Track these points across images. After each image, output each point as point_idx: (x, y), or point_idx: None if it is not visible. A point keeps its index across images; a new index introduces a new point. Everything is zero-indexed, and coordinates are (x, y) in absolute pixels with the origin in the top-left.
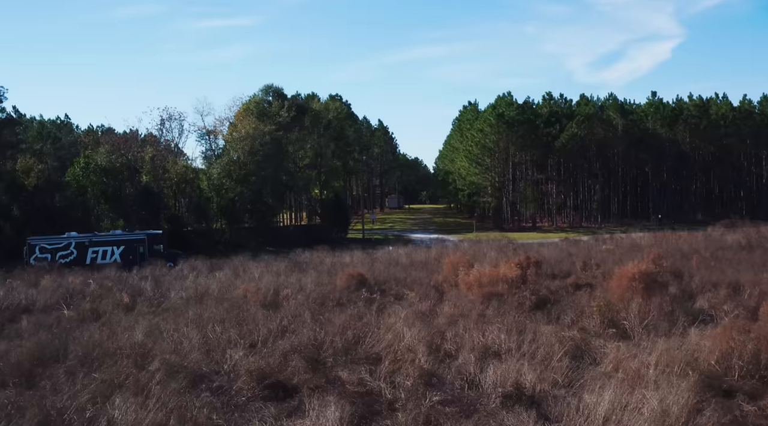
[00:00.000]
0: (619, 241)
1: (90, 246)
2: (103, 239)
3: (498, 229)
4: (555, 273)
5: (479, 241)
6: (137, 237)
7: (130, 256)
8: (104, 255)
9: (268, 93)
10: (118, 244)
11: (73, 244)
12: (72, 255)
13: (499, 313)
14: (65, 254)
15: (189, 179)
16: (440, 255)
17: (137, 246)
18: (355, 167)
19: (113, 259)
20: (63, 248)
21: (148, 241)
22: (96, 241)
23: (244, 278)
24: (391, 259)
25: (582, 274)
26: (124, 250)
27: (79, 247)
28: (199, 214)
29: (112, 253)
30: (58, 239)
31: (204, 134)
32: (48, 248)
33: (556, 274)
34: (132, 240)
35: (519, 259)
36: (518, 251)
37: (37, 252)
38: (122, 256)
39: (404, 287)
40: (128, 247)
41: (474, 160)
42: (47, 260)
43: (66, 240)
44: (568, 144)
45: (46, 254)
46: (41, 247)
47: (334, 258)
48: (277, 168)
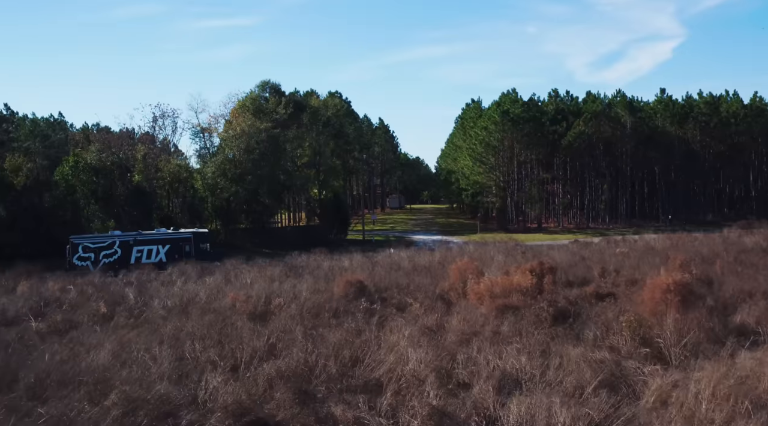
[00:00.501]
0: (632, 244)
1: (135, 245)
2: (148, 238)
3: (502, 230)
4: (571, 280)
5: (485, 243)
6: (184, 235)
7: (175, 255)
8: (149, 254)
9: (264, 89)
10: (163, 243)
11: (117, 243)
12: (116, 254)
13: (515, 329)
14: (109, 254)
15: (183, 178)
16: (444, 259)
17: (183, 245)
18: (356, 166)
19: (158, 259)
20: (107, 247)
21: (194, 239)
22: (141, 239)
23: (235, 284)
24: (393, 263)
25: (601, 282)
26: (170, 249)
27: (124, 246)
28: (193, 214)
29: (158, 253)
30: (101, 238)
31: (198, 132)
32: (91, 247)
33: (572, 281)
34: (178, 239)
35: (531, 264)
36: (527, 255)
37: (81, 251)
38: (168, 255)
39: (407, 295)
40: (174, 245)
41: (478, 158)
42: (90, 260)
43: (110, 239)
44: (575, 142)
45: (89, 254)
46: (84, 246)
47: (333, 262)
48: (274, 167)
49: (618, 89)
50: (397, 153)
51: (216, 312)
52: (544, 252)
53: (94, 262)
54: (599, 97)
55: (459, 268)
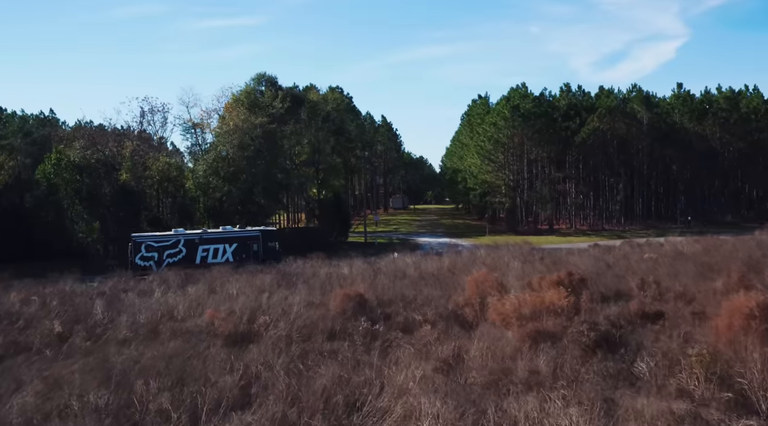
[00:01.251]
0: (658, 248)
1: (200, 244)
2: (214, 236)
3: (512, 231)
4: (604, 293)
5: (496, 247)
6: (252, 234)
7: (243, 255)
8: (215, 254)
9: (260, 82)
10: (230, 242)
11: (182, 242)
12: (181, 254)
13: (556, 365)
14: (173, 253)
15: (172, 177)
16: (454, 265)
17: (251, 243)
18: (357, 165)
19: (225, 258)
20: (171, 246)
21: (262, 238)
22: (207, 238)
23: (220, 295)
24: (397, 269)
25: (642, 297)
26: (237, 247)
27: (189, 245)
28: (184, 215)
29: (224, 252)
30: (165, 237)
31: (189, 128)
32: (155, 246)
33: (606, 295)
34: (246, 237)
35: (559, 275)
36: (546, 261)
37: (143, 251)
38: (235, 255)
39: (415, 311)
40: (241, 244)
41: (486, 156)
42: (154, 260)
43: (174, 237)
44: (589, 139)
45: (152, 253)
46: (147, 245)
47: (331, 268)
48: (270, 164)
49: (633, 83)
50: (401, 152)
51: (188, 334)
52: (563, 258)
53: (157, 262)
54: (613, 91)
55: (476, 281)
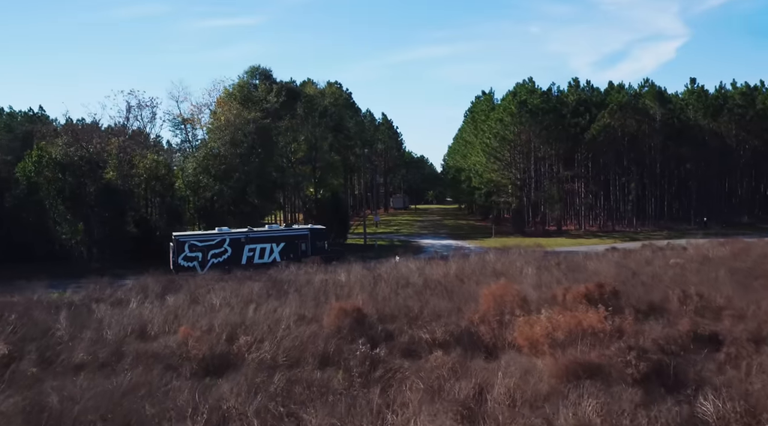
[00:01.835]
0: (681, 252)
1: (246, 243)
2: (261, 235)
3: (519, 233)
4: (638, 306)
5: (506, 251)
6: (300, 233)
7: (290, 254)
8: (262, 253)
9: (254, 75)
10: (277, 241)
11: (228, 241)
12: (226, 254)
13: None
14: (218, 253)
15: (160, 175)
16: (462, 271)
17: (299, 243)
18: (357, 164)
19: (272, 258)
20: (216, 246)
21: (311, 237)
22: (253, 237)
23: (202, 306)
24: (400, 276)
25: (685, 311)
26: (285, 247)
27: (235, 244)
28: (172, 216)
29: (271, 251)
30: (210, 236)
31: (179, 124)
32: (199, 246)
33: (639, 308)
34: (294, 236)
35: (587, 287)
36: (562, 266)
37: (187, 250)
38: (282, 255)
39: (421, 329)
40: (289, 244)
41: (492, 154)
42: (198, 260)
43: (219, 236)
44: (600, 136)
45: (196, 253)
46: (191, 244)
47: (327, 274)
48: (264, 162)
49: (645, 78)
50: (402, 150)
51: (155, 358)
52: (581, 263)
53: (201, 262)
54: (623, 87)
55: (493, 295)
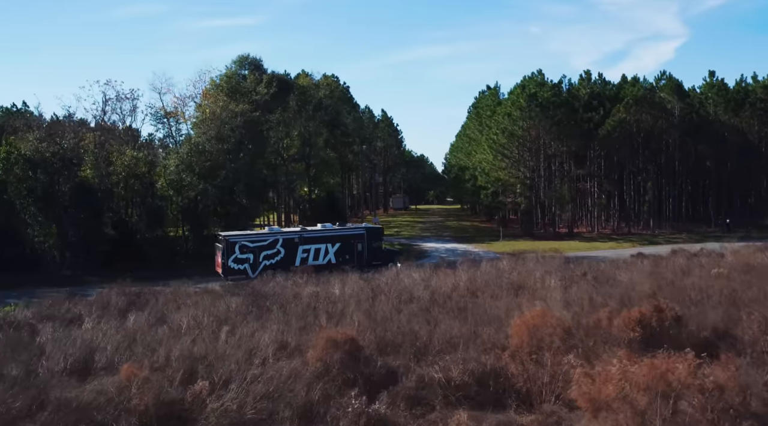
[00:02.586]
0: (718, 259)
1: (300, 243)
2: (316, 235)
3: (528, 235)
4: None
5: (520, 257)
6: (356, 232)
7: (346, 255)
8: (317, 254)
9: (243, 65)
10: (333, 241)
11: (281, 242)
12: (279, 255)
13: None
14: (271, 254)
15: (140, 173)
16: (474, 282)
17: (355, 243)
18: (355, 162)
19: (327, 260)
20: (268, 247)
21: (367, 236)
22: (308, 237)
23: (169, 325)
24: (402, 288)
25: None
26: (340, 247)
27: (288, 245)
28: (153, 217)
29: (326, 252)
30: (261, 236)
31: (162, 117)
32: (250, 247)
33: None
34: (349, 236)
35: (641, 310)
36: (588, 276)
37: (237, 252)
38: (338, 256)
39: (433, 365)
40: (345, 244)
41: (499, 151)
42: (249, 263)
43: (271, 236)
44: (615, 132)
45: (247, 254)
46: (242, 245)
47: (319, 285)
48: (253, 159)
49: (663, 70)
50: (402, 148)
51: (83, 410)
52: (609, 273)
53: (252, 264)
54: (638, 80)
55: (528, 326)
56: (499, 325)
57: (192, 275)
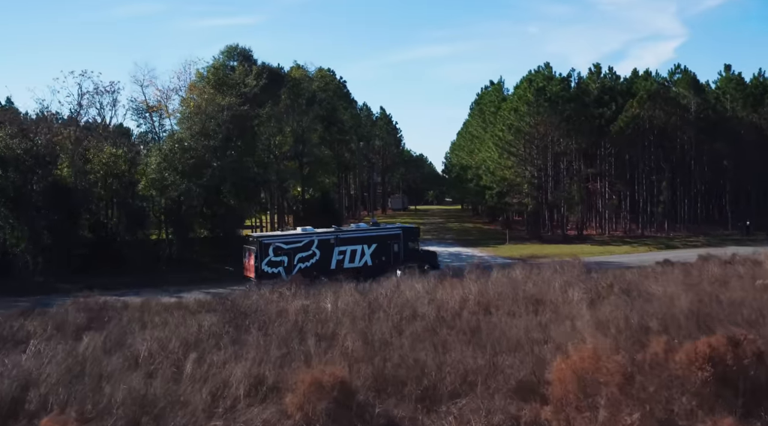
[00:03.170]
0: (755, 267)
1: (336, 245)
2: (351, 235)
3: (536, 238)
4: None
5: (532, 262)
6: (391, 232)
7: (382, 257)
8: (352, 256)
9: (231, 56)
10: (369, 242)
11: (316, 243)
12: (314, 257)
13: None
14: (306, 256)
15: (119, 172)
16: (485, 295)
17: (391, 244)
18: (353, 161)
19: (363, 262)
20: (303, 248)
21: (403, 237)
22: (344, 238)
23: (127, 350)
24: (404, 303)
25: None
26: (377, 249)
27: (323, 246)
28: (133, 219)
29: (362, 254)
30: (296, 237)
31: (144, 111)
32: (284, 248)
33: None
34: (385, 236)
35: (710, 342)
36: (616, 289)
37: (271, 254)
38: (374, 257)
39: (447, 416)
40: (381, 245)
41: (505, 149)
42: (283, 265)
43: (306, 237)
44: (627, 129)
45: (282, 257)
46: (276, 247)
47: (308, 298)
48: (242, 156)
49: (677, 64)
50: (401, 147)
51: None
52: (637, 283)
53: (287, 267)
54: (650, 74)
55: (575, 371)
56: (523, 354)
57: (174, 282)
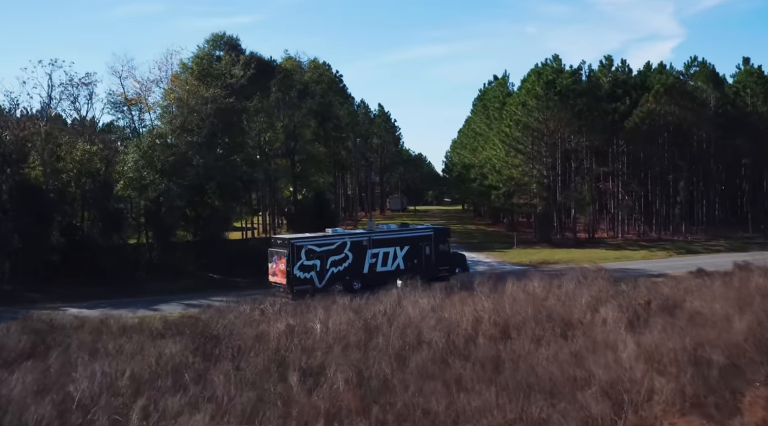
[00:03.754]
0: None
1: (369, 247)
2: (383, 237)
3: (545, 242)
4: None
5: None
6: (423, 233)
7: (414, 260)
8: (385, 259)
9: (217, 45)
10: (401, 244)
11: (348, 245)
12: (347, 261)
13: None
14: (338, 260)
15: (95, 170)
16: (501, 312)
17: (423, 246)
18: (349, 160)
19: (395, 265)
20: (336, 251)
21: (434, 238)
22: (378, 239)
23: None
24: (407, 323)
25: None
26: (409, 251)
27: (356, 248)
28: (109, 222)
29: (395, 257)
30: (328, 239)
31: (122, 105)
32: (317, 251)
33: None
34: (417, 237)
35: None
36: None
37: (304, 258)
38: (406, 261)
39: None
40: (413, 247)
41: (512, 146)
42: (316, 270)
43: (338, 239)
44: (643, 124)
45: (314, 260)
46: (308, 249)
47: (295, 317)
48: (228, 153)
49: (693, 56)
50: (400, 146)
51: None
52: (677, 298)
53: (319, 272)
54: (665, 67)
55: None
56: (564, 403)
57: (152, 291)
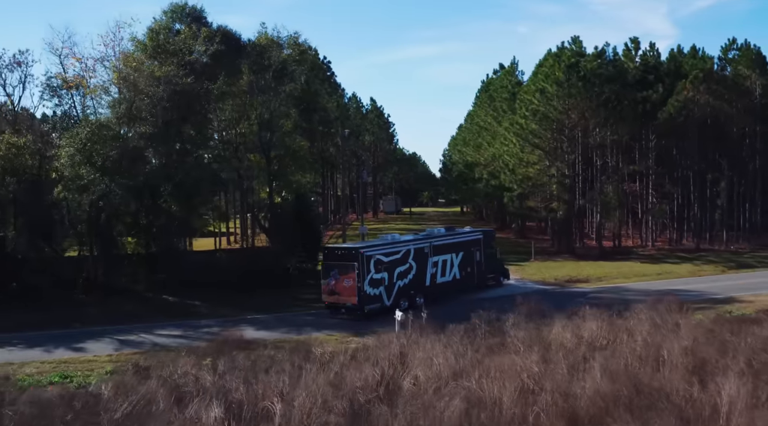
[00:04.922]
0: None
1: (430, 255)
2: (443, 242)
3: (566, 252)
4: None
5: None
6: (472, 237)
7: (468, 269)
8: (443, 269)
9: (178, 17)
10: (456, 250)
11: (412, 253)
12: (411, 272)
13: None
14: (404, 271)
15: (24, 168)
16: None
17: (474, 251)
18: (339, 157)
19: (452, 275)
20: (401, 261)
21: (484, 241)
22: (437, 245)
23: None
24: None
25: None
26: (463, 258)
27: (419, 257)
28: (37, 230)
29: (452, 265)
30: (393, 247)
31: (60, 88)
32: (385, 262)
33: None
34: (468, 242)
35: None
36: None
37: (373, 271)
38: (461, 269)
39: None
40: (467, 254)
41: (528, 141)
42: (384, 284)
43: (402, 246)
44: (679, 116)
45: (382, 274)
46: (377, 260)
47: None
48: (189, 147)
49: (732, 37)
50: (394, 144)
51: None
52: None
53: (387, 287)
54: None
55: None
56: None
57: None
